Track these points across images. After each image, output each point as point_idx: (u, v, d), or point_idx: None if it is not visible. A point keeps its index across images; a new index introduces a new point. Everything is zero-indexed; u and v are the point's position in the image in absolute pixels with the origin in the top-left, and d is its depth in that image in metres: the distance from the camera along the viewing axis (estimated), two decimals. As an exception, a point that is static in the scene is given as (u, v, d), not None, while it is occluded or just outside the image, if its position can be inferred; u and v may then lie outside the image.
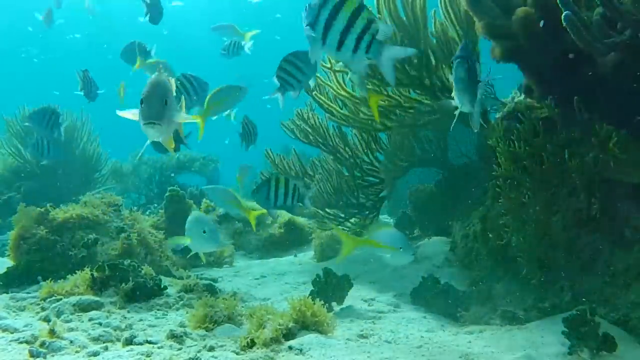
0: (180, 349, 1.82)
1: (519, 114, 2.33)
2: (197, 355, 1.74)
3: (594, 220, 2.13)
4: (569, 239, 2.19)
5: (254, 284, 3.32)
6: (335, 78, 3.15)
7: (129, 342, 1.86)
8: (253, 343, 1.83)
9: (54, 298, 2.30)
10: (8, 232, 3.16)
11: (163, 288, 2.49)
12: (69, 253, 2.98)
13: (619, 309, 2.00)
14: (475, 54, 2.78)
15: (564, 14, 1.82)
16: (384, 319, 2.41)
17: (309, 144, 3.84)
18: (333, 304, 2.56)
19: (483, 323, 2.34)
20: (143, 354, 1.74)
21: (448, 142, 3.75)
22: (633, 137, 2.00)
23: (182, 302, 2.46)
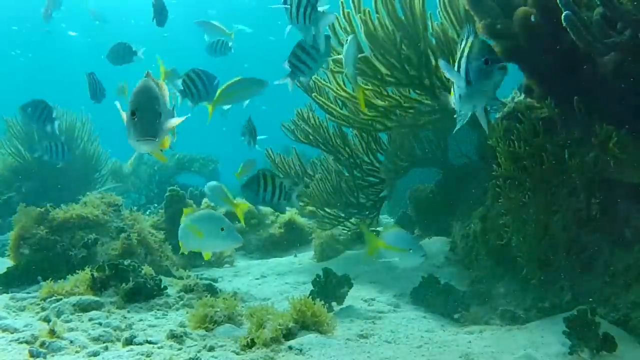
0: (180, 349, 1.82)
1: (519, 114, 2.32)
2: (197, 355, 1.74)
3: (594, 220, 2.13)
4: (569, 239, 2.19)
5: (254, 284, 3.32)
6: (335, 79, 3.15)
7: (129, 342, 1.86)
8: (253, 343, 1.83)
9: (54, 298, 2.30)
10: (8, 232, 3.16)
11: (163, 288, 2.49)
12: (69, 253, 2.98)
13: (619, 309, 2.00)
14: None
15: (564, 14, 1.82)
16: (384, 319, 2.41)
17: (309, 145, 3.84)
18: (333, 304, 2.56)
19: (483, 323, 2.34)
20: (143, 354, 1.74)
21: (448, 142, 3.75)
22: (633, 137, 2.00)
23: (182, 302, 2.46)
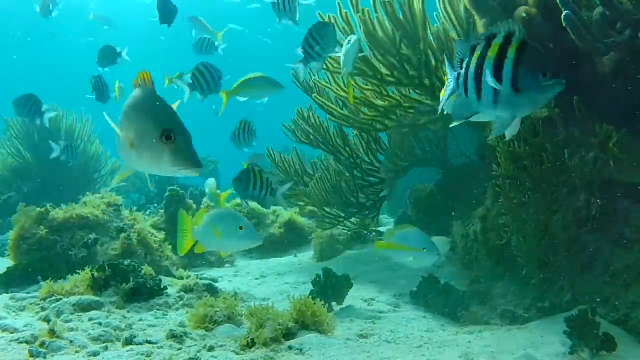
0: (180, 349, 1.82)
1: (519, 114, 2.32)
2: (197, 355, 1.74)
3: (594, 220, 2.13)
4: (569, 239, 2.19)
5: (254, 284, 3.32)
6: (334, 79, 3.15)
7: (129, 342, 1.86)
8: (253, 343, 1.83)
9: (54, 298, 2.30)
10: (8, 232, 3.16)
11: (163, 288, 2.49)
12: (69, 253, 2.98)
13: (619, 309, 1.99)
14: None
15: (564, 14, 1.83)
16: (384, 319, 2.41)
17: (310, 145, 3.84)
18: (333, 304, 2.56)
19: (483, 323, 2.34)
20: (143, 354, 1.74)
21: (448, 142, 3.75)
22: (633, 137, 2.00)
23: (182, 302, 2.46)
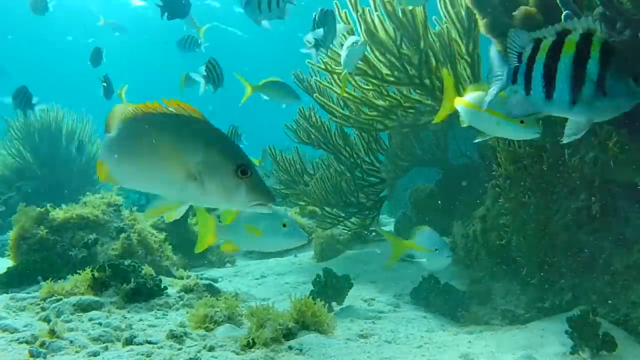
0: (180, 349, 1.82)
1: (519, 114, 2.32)
2: (197, 355, 1.74)
3: (594, 220, 2.13)
4: (569, 239, 2.19)
5: (254, 284, 3.32)
6: (335, 80, 3.15)
7: (129, 342, 1.85)
8: (253, 343, 1.83)
9: (54, 298, 2.30)
10: (8, 232, 3.16)
11: (163, 288, 2.49)
12: (69, 253, 2.98)
13: (619, 309, 1.99)
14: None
15: (564, 14, 1.82)
16: (384, 319, 2.41)
17: (311, 145, 3.84)
18: (333, 304, 2.55)
19: (483, 323, 2.34)
20: (143, 354, 1.74)
21: (448, 141, 3.75)
22: (633, 137, 2.00)
23: (182, 302, 2.46)
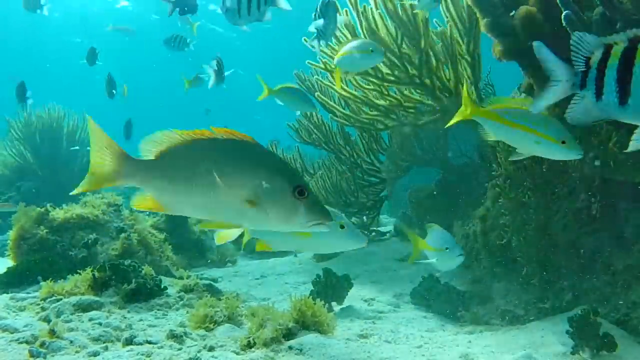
0: (180, 349, 1.82)
1: (519, 114, 2.32)
2: (197, 355, 1.74)
3: (594, 220, 2.13)
4: (569, 239, 2.19)
5: (254, 284, 3.32)
6: (334, 78, 3.15)
7: (129, 342, 1.85)
8: (253, 343, 1.83)
9: (54, 298, 2.30)
10: (8, 232, 3.16)
11: (163, 288, 2.49)
12: (69, 253, 2.98)
13: (619, 309, 1.99)
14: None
15: (564, 14, 1.82)
16: (384, 319, 2.41)
17: (312, 144, 3.85)
18: (333, 304, 2.55)
19: (483, 323, 2.34)
20: (143, 354, 1.74)
21: (448, 141, 3.75)
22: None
23: (182, 302, 2.46)
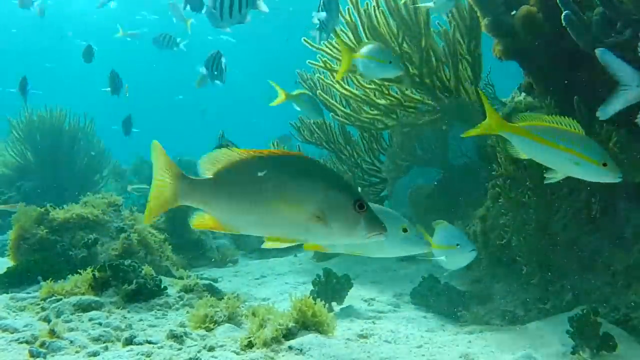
0: (180, 349, 1.82)
1: (519, 114, 2.32)
2: (197, 355, 1.74)
3: (594, 220, 2.13)
4: (569, 239, 2.19)
5: (254, 284, 3.32)
6: (334, 77, 3.16)
7: (129, 342, 1.85)
8: (253, 343, 1.83)
9: (54, 298, 2.30)
10: (8, 232, 3.16)
11: (163, 288, 2.49)
12: (69, 253, 2.98)
13: (619, 309, 1.99)
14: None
15: (564, 14, 1.82)
16: (384, 319, 2.41)
17: (314, 144, 3.85)
18: (333, 304, 2.55)
19: (483, 323, 2.34)
20: (143, 354, 1.74)
21: (448, 141, 3.75)
22: (633, 137, 2.00)
23: (182, 302, 2.46)
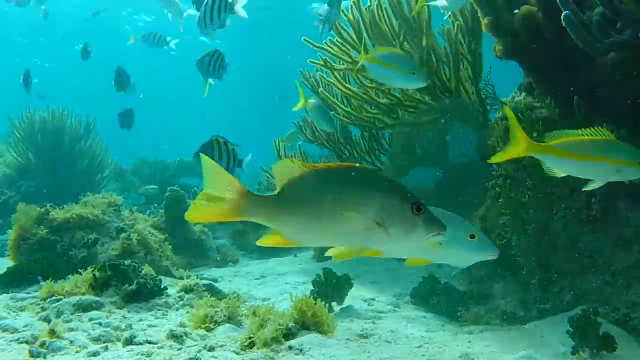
0: (180, 349, 1.82)
1: (519, 114, 2.32)
2: (197, 355, 1.74)
3: (594, 220, 2.13)
4: (569, 239, 2.19)
5: (254, 284, 3.32)
6: (335, 76, 3.16)
7: (129, 342, 1.85)
8: (253, 343, 1.83)
9: (54, 298, 2.30)
10: (8, 232, 3.16)
11: (163, 288, 2.49)
12: (69, 253, 2.98)
13: (619, 309, 2.00)
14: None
15: (563, 14, 1.82)
16: (384, 319, 2.41)
17: (315, 143, 3.85)
18: (333, 304, 2.55)
19: (483, 323, 2.34)
20: (143, 354, 1.74)
21: (448, 142, 3.75)
22: (633, 136, 2.00)
23: (182, 302, 2.46)
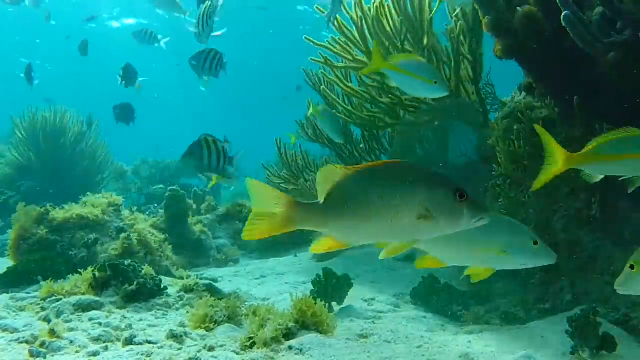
0: (180, 349, 1.82)
1: (519, 114, 2.32)
2: (197, 355, 1.74)
3: (594, 220, 2.13)
4: (569, 239, 2.19)
5: (254, 284, 3.31)
6: (336, 74, 3.16)
7: (129, 342, 1.85)
8: (253, 343, 1.83)
9: (54, 298, 2.30)
10: (8, 232, 3.16)
11: (163, 288, 2.49)
12: (69, 253, 2.98)
13: (619, 309, 2.00)
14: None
15: (563, 14, 1.82)
16: (384, 319, 2.41)
17: (316, 141, 3.86)
18: (333, 304, 2.55)
19: (483, 323, 2.34)
20: (143, 354, 1.74)
21: (448, 141, 3.75)
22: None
23: (182, 302, 2.46)
